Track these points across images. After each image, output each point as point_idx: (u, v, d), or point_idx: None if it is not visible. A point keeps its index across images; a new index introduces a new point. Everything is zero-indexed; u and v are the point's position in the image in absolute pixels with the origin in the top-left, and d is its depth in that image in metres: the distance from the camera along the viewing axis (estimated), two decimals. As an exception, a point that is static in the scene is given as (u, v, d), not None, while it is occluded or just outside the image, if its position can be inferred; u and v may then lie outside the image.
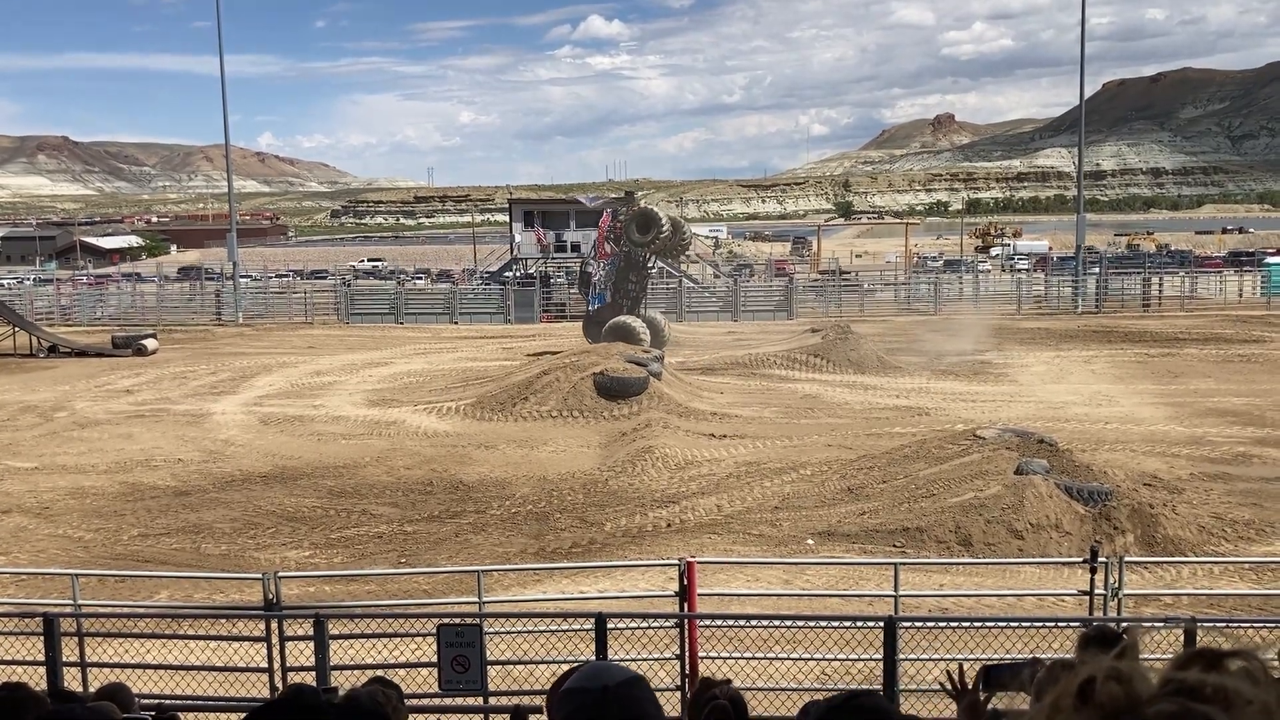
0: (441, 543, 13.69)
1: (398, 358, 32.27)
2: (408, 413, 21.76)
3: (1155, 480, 14.83)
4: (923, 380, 25.60)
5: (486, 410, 21.26)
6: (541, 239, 47.91)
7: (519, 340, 36.93)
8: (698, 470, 16.80)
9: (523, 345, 35.11)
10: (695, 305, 44.84)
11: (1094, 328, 36.82)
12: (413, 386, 25.86)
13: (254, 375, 28.15)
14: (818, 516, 13.81)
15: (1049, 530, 12.15)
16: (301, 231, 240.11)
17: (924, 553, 12.03)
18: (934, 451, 15.14)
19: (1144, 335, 33.82)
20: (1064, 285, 47.29)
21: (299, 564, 12.86)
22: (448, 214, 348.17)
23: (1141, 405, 21.52)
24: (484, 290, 48.40)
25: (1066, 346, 31.55)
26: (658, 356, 23.26)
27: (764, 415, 21.37)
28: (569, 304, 46.78)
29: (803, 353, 27.68)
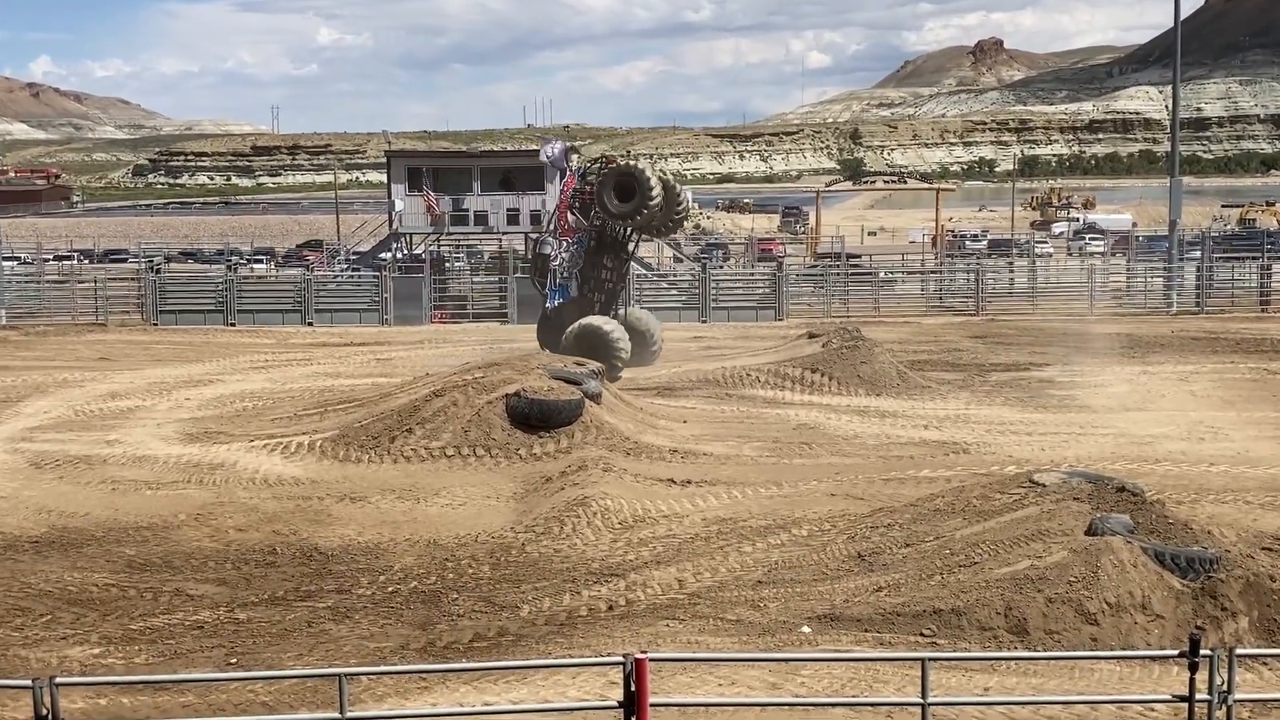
0: (288, 635, 13.53)
1: (228, 373, 31.97)
2: (241, 451, 21.52)
3: (1278, 544, 15.08)
4: (960, 404, 25.90)
5: (354, 447, 21.10)
6: (434, 206, 47.78)
7: (401, 348, 36.77)
8: (651, 530, 16.79)
9: (406, 356, 34.97)
10: (649, 300, 44.88)
11: (1194, 333, 37.52)
12: (249, 414, 25.61)
13: (20, 399, 27.69)
14: (817, 594, 13.86)
15: (1133, 612, 12.30)
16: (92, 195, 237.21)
17: (962, 644, 12.12)
18: (975, 504, 15.28)
19: (1262, 344, 34.53)
20: (1153, 275, 48.15)
21: (85, 665, 12.64)
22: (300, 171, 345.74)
23: (1259, 440, 21.94)
24: (351, 279, 48.13)
25: (1156, 359, 32.10)
26: (595, 371, 23.28)
27: (743, 453, 21.44)
28: (472, 297, 46.71)
29: (796, 366, 27.86)
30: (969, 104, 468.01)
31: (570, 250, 30.73)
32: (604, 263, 30.85)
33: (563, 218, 31.18)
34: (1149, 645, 11.80)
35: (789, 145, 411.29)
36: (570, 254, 30.72)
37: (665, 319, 42.50)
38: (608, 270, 31.01)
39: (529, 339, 31.44)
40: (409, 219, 48.82)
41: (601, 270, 30.85)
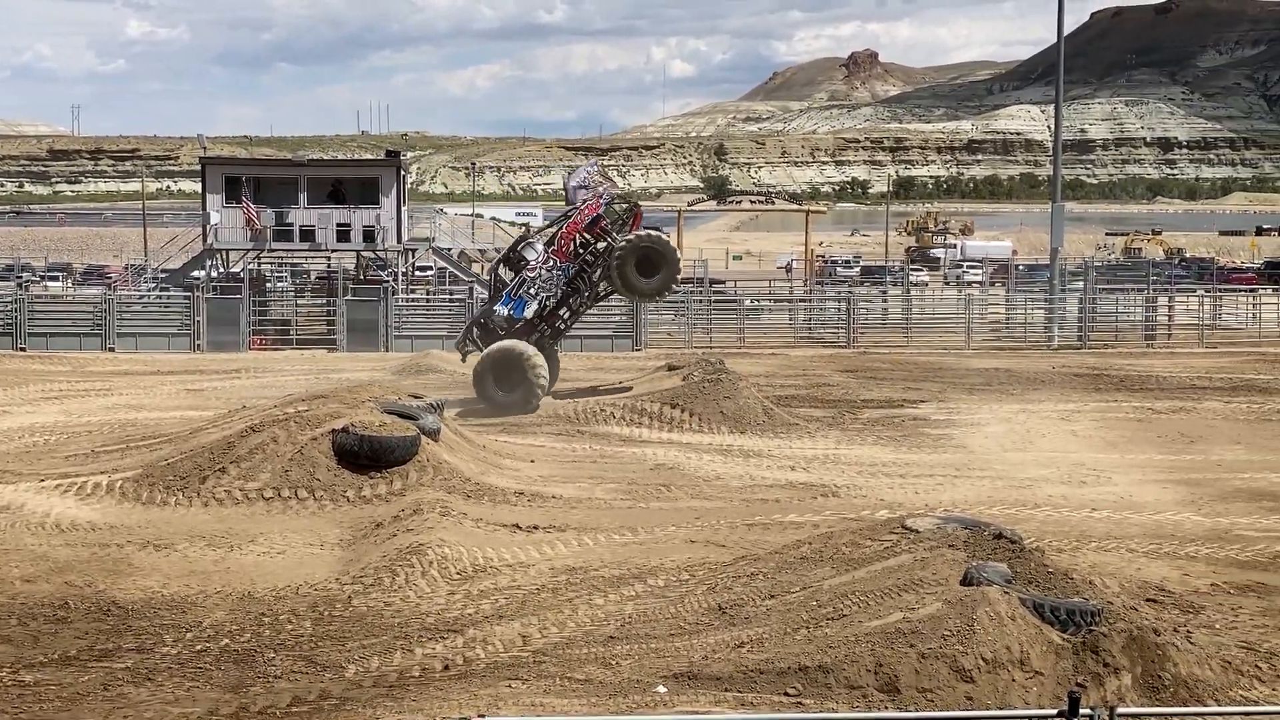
0: (82, 699, 13.15)
1: (15, 404, 31.12)
2: (30, 492, 20.89)
3: (1163, 595, 15.52)
4: (830, 444, 26.28)
5: (159, 488, 20.64)
6: (254, 220, 47.07)
7: (215, 378, 36.13)
8: (494, 581, 16.69)
9: (221, 386, 34.35)
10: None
11: (1076, 369, 38.66)
12: (39, 450, 24.98)
13: None
14: (674, 650, 13.89)
15: (1010, 668, 12.54)
16: None
17: (829, 704, 12.25)
18: (845, 551, 15.48)
19: (1147, 381, 35.71)
20: (1033, 306, 49.54)
21: None
22: (103, 179, 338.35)
23: (1143, 483, 22.65)
24: (159, 299, 47.18)
25: (1036, 396, 32.98)
26: (434, 405, 23.12)
27: (595, 495, 21.45)
28: (296, 321, 46.08)
29: (654, 401, 28.00)
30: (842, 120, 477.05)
31: (551, 273, 30.11)
32: (570, 303, 30.58)
33: (569, 240, 30.33)
34: (1027, 704, 12.05)
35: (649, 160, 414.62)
36: (548, 276, 30.09)
37: (511, 348, 42.47)
38: (569, 311, 30.81)
39: (358, 368, 31.18)
40: (226, 233, 48.00)
41: (563, 308, 30.56)
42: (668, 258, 29.74)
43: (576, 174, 33.44)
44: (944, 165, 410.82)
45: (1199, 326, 47.15)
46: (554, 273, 30.00)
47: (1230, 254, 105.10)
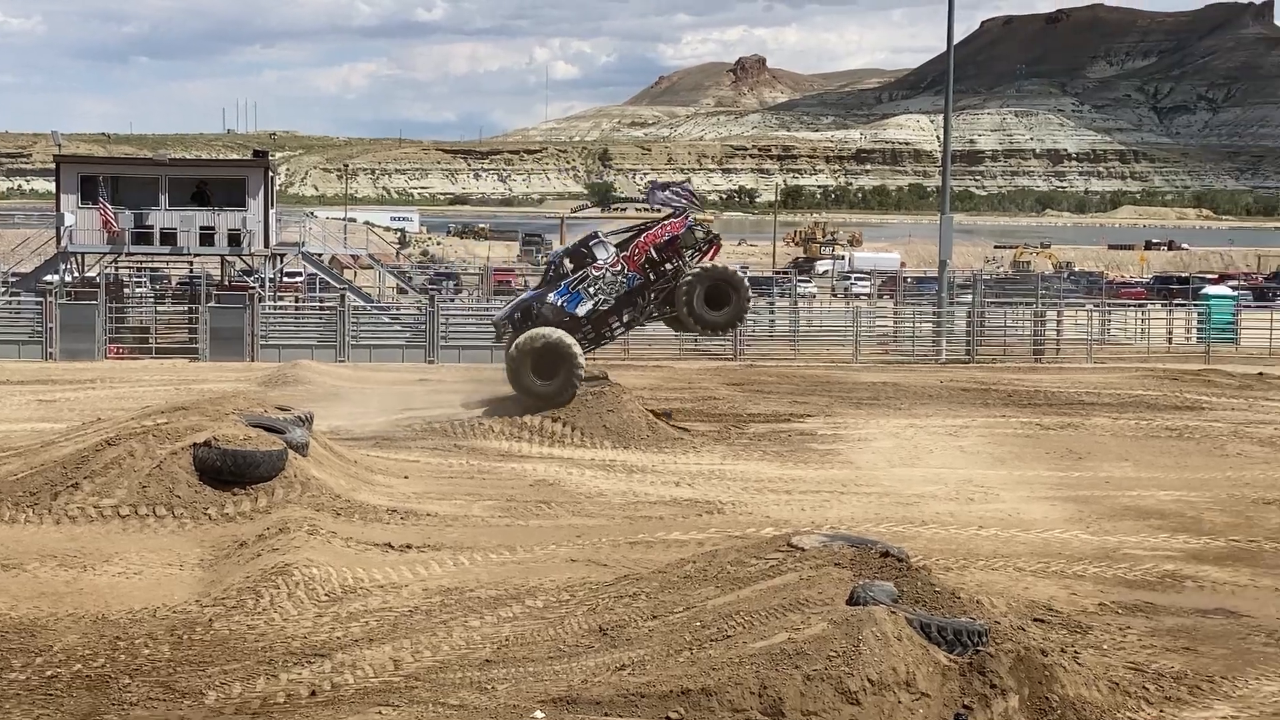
0: (-82, 730, 12.78)
1: None
2: None
3: (1050, 614, 15.79)
4: (715, 459, 26.40)
5: (7, 505, 20.13)
6: (111, 222, 46.21)
7: (68, 388, 35.40)
8: (364, 603, 16.52)
9: (75, 397, 33.65)
10: (367, 336, 44.53)
11: (964, 384, 39.26)
12: (-124, 464, 24.17)
13: None
14: (552, 674, 13.85)
15: (897, 690, 12.68)
16: None
17: (714, 728, 12.28)
18: (729, 570, 15.54)
19: (1035, 397, 36.36)
20: (922, 319, 50.25)
21: None
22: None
23: (1031, 500, 23.04)
24: (9, 305, 46.15)
25: (924, 411, 33.42)
26: (302, 417, 22.86)
27: (472, 513, 21.34)
28: (156, 329, 45.33)
29: (535, 415, 27.95)
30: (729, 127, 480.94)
31: (615, 278, 29.71)
32: (623, 314, 30.21)
33: (642, 251, 29.81)
34: (914, 726, 12.19)
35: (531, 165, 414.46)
36: (611, 280, 29.69)
37: (387, 357, 42.29)
38: (619, 322, 30.42)
39: (222, 379, 30.77)
40: (81, 236, 47.06)
41: (614, 317, 30.14)
42: (739, 291, 29.50)
43: (665, 187, 32.96)
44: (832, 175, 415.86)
45: (1087, 341, 48.14)
46: (618, 279, 29.66)
47: (1119, 268, 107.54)
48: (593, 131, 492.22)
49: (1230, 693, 13.92)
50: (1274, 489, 24.30)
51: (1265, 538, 20.57)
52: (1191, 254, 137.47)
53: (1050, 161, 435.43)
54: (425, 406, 31.08)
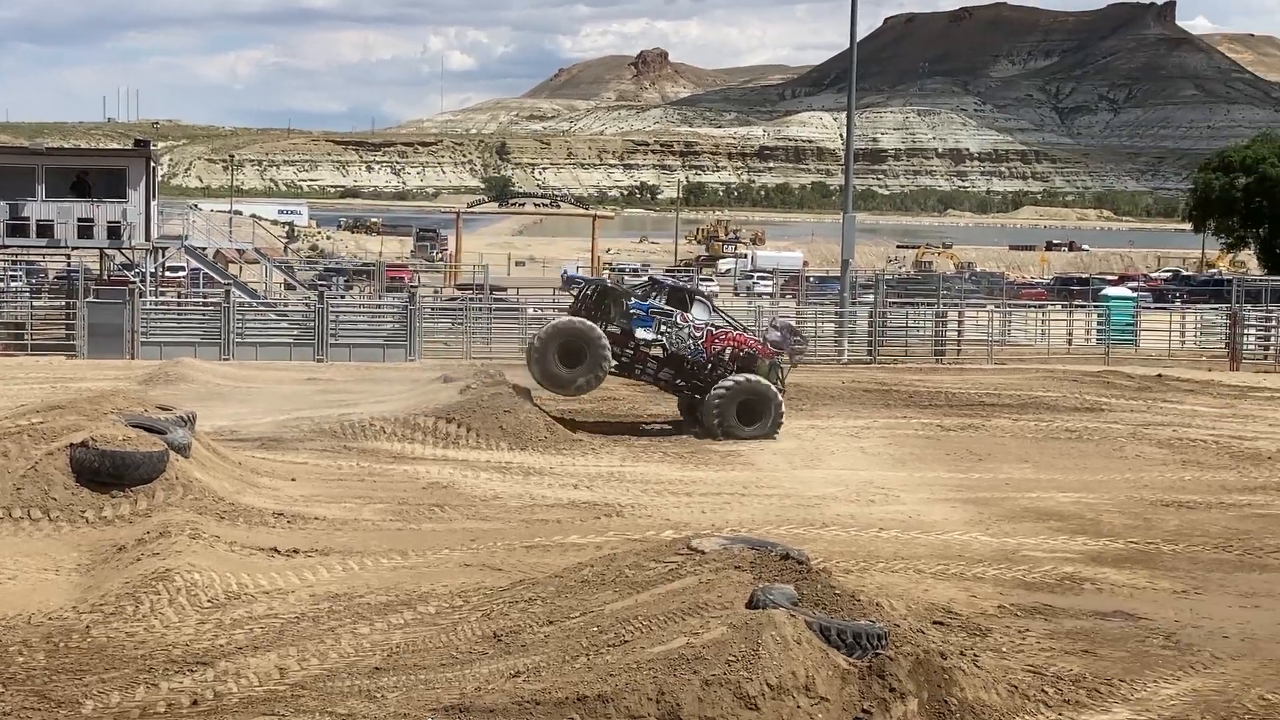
0: None
1: None
2: None
3: (950, 616, 16.00)
4: (614, 461, 26.44)
5: (-127, 508, 19.70)
6: (-18, 214, 45.32)
7: (-61, 386, 34.67)
8: (249, 609, 16.35)
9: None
10: (253, 333, 44.05)
11: (865, 384, 39.64)
12: None
13: None
14: (445, 681, 13.80)
15: (796, 694, 12.77)
16: None
17: (610, 735, 12.31)
18: (628, 574, 15.57)
19: (936, 398, 36.80)
20: (824, 319, 50.64)
21: None
22: None
23: (931, 502, 23.31)
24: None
25: (825, 412, 33.72)
26: (184, 417, 22.57)
27: (363, 516, 21.19)
28: (31, 325, 44.52)
29: (429, 415, 27.81)
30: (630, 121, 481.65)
31: (686, 340, 30.25)
32: (662, 369, 30.62)
33: (725, 344, 30.45)
34: (813, 731, 12.29)
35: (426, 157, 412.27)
36: (684, 339, 30.26)
37: (274, 355, 41.87)
38: (653, 372, 30.77)
39: (101, 376, 30.33)
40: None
41: (654, 365, 30.59)
42: (770, 404, 29.71)
43: (794, 332, 34.68)
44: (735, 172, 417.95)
45: (988, 342, 48.79)
46: (689, 342, 30.24)
47: (1020, 269, 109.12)
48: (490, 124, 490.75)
49: (1129, 695, 14.19)
50: (1172, 491, 24.81)
51: (1163, 540, 20.99)
52: (1092, 255, 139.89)
53: (952, 161, 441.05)
54: (314, 406, 30.83)
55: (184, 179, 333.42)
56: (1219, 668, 15.08)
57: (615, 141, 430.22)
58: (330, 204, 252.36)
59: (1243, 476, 26.53)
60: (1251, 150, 75.85)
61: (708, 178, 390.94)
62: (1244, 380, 41.98)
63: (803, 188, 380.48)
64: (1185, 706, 13.89)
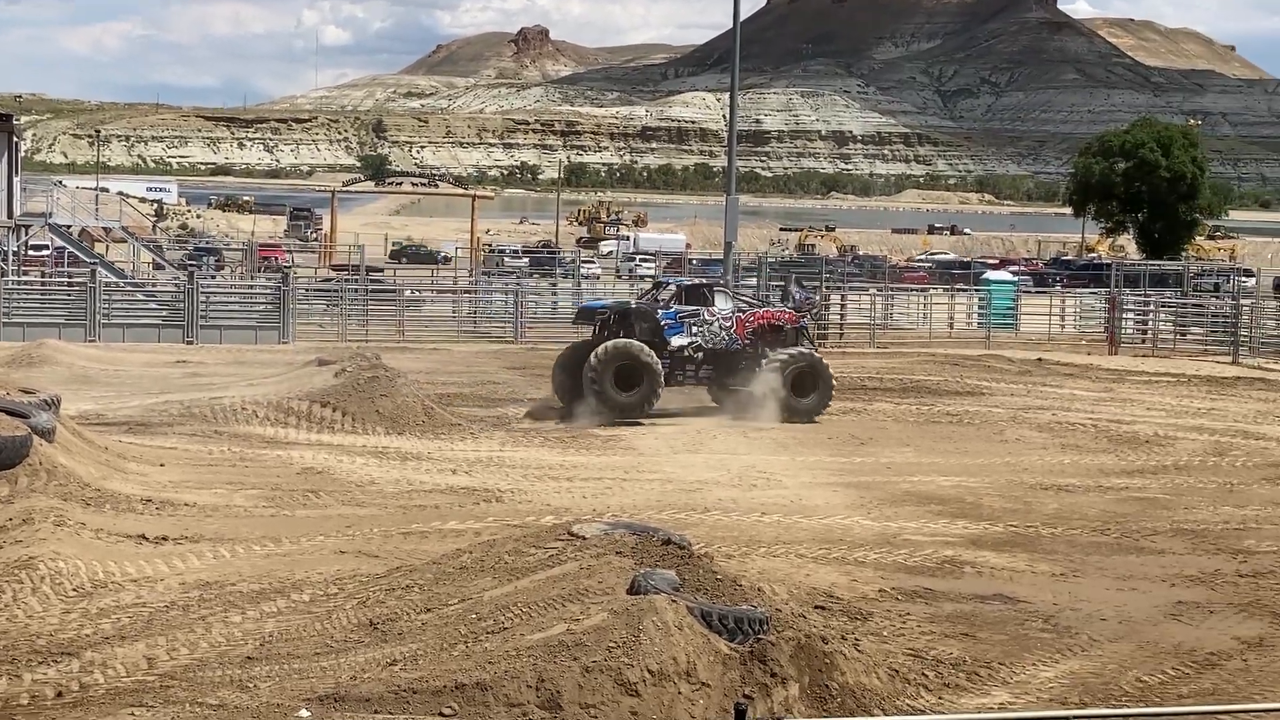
0: None
1: None
2: None
3: (831, 601, 16.19)
4: (494, 446, 26.39)
5: None
6: None
7: None
8: (116, 598, 16.13)
9: None
10: (120, 314, 43.32)
11: (749, 368, 39.84)
12: None
13: None
14: (319, 670, 13.72)
15: (677, 680, 12.84)
16: None
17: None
18: (507, 560, 15.57)
19: (818, 381, 37.08)
20: (707, 302, 50.76)
21: None
22: None
23: (812, 486, 23.55)
24: None
25: (708, 397, 33.86)
26: (48, 401, 22.16)
27: (234, 503, 20.99)
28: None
29: (303, 399, 27.58)
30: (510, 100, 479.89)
31: (719, 333, 30.85)
32: (702, 367, 30.95)
33: (756, 323, 31.14)
34: (693, 717, 12.38)
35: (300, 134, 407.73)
36: (716, 332, 30.86)
37: (142, 337, 41.22)
38: (695, 373, 31.04)
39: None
40: None
41: (695, 366, 30.87)
42: (823, 379, 30.58)
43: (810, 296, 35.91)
44: (617, 152, 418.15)
45: (870, 326, 49.34)
46: (722, 334, 30.81)
47: (903, 252, 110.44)
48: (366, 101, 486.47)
49: (1008, 679, 14.45)
50: (1051, 475, 25.29)
51: (1042, 523, 21.41)
52: (974, 239, 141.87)
53: (836, 143, 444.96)
54: (184, 390, 30.43)
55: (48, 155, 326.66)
56: (1097, 650, 15.42)
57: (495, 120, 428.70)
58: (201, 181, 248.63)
59: (1120, 460, 27.12)
60: (1131, 135, 77.24)
61: (589, 158, 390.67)
62: (1122, 364, 42.85)
63: (685, 169, 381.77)
64: (1063, 689, 14.19)
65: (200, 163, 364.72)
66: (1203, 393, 36.94)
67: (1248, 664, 15.14)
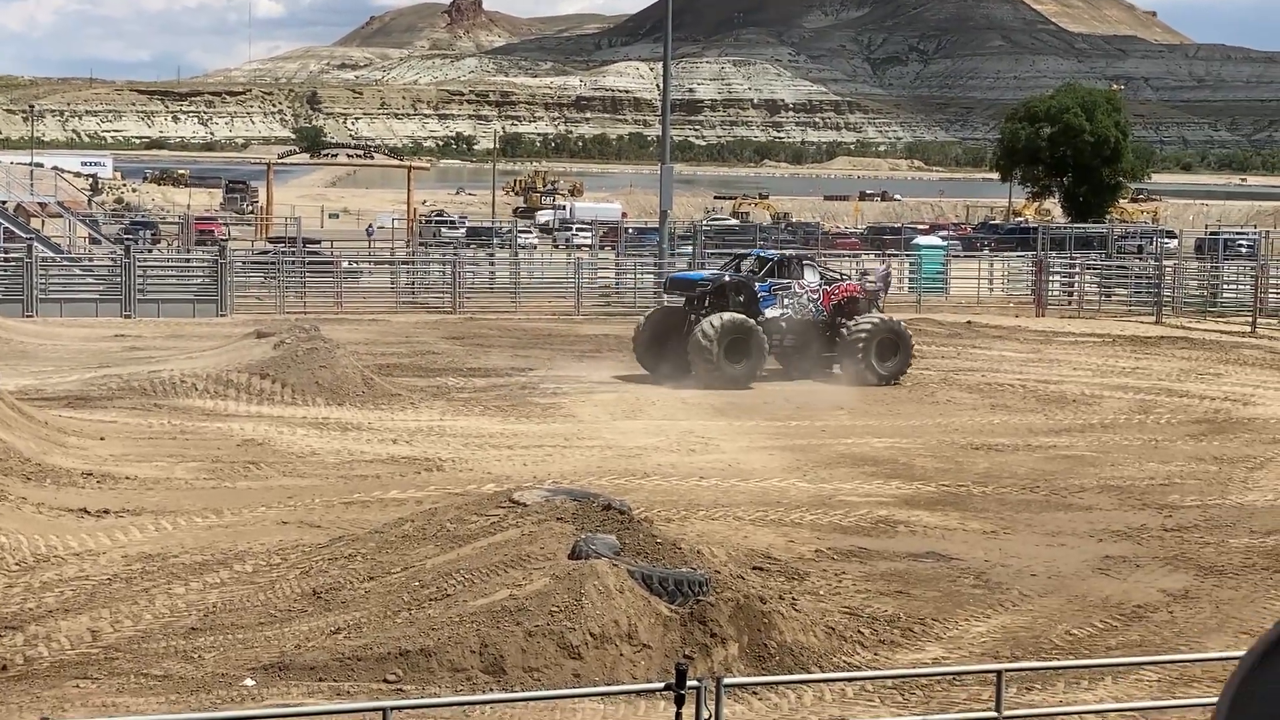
0: None
1: None
2: None
3: (769, 562, 16.31)
4: (434, 415, 26.33)
5: None
6: None
7: None
8: (59, 571, 16.01)
9: None
10: (57, 289, 42.81)
11: (685, 335, 39.89)
12: None
13: None
14: (263, 640, 13.69)
15: (619, 643, 12.92)
16: None
17: (431, 689, 12.32)
18: (449, 528, 15.57)
19: (753, 346, 37.18)
20: (643, 271, 50.85)
21: None
22: None
23: (750, 451, 23.66)
24: None
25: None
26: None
27: (175, 476, 20.86)
28: None
29: (242, 372, 27.39)
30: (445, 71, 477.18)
31: (807, 305, 31.76)
32: (787, 335, 31.44)
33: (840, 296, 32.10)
34: (635, 678, 12.45)
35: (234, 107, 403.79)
36: (805, 304, 31.75)
37: (79, 312, 40.78)
38: (781, 342, 31.34)
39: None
40: None
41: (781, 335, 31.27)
42: (904, 344, 31.34)
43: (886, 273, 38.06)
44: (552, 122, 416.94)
45: (805, 291, 49.42)
46: (810, 306, 31.69)
47: (835, 219, 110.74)
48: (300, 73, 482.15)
49: (941, 634, 14.61)
50: (981, 434, 25.53)
51: (973, 482, 21.62)
52: (904, 205, 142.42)
53: (768, 112, 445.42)
54: (122, 364, 30.17)
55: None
56: (1027, 605, 15.61)
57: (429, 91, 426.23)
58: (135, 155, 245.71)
59: (1048, 419, 27.40)
60: (1056, 100, 77.76)
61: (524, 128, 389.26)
62: (1049, 325, 43.22)
63: (620, 138, 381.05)
64: (995, 643, 14.36)
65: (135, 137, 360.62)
66: (1127, 352, 37.32)
67: (1174, 616, 15.37)
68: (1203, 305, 48.30)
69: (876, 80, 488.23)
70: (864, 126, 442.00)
